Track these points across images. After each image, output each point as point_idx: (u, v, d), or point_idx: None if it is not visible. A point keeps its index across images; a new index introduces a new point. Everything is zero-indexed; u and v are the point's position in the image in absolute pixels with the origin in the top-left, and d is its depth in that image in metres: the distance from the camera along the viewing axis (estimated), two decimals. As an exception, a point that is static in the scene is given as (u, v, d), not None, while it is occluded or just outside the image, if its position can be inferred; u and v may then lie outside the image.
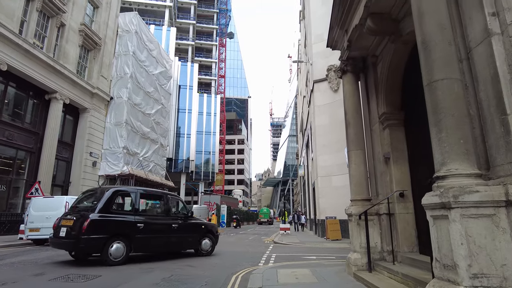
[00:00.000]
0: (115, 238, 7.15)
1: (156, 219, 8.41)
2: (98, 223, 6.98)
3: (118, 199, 7.94)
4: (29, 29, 17.46)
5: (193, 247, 9.24)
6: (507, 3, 2.99)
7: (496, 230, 2.72)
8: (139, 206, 8.15)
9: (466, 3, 3.42)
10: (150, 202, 9.60)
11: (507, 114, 2.87)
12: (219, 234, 10.21)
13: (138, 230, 7.58)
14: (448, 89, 3.12)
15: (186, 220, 8.99)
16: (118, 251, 7.12)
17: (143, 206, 8.81)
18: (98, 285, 5.24)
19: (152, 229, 8.01)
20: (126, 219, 7.59)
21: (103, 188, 8.04)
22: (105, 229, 7.09)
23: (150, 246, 8.18)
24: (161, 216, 8.59)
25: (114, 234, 7.16)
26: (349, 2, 5.78)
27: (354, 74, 6.62)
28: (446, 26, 3.30)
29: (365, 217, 5.50)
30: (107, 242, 6.99)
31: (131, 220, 7.61)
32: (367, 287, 4.85)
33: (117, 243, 7.14)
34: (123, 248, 7.21)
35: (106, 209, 7.28)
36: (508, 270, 2.64)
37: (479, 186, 2.81)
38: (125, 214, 7.79)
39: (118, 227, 7.34)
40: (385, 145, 5.95)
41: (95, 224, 6.91)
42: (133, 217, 7.73)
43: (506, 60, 2.94)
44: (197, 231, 9.24)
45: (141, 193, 8.31)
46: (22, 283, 5.26)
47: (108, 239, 7.00)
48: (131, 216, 7.73)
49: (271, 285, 5.23)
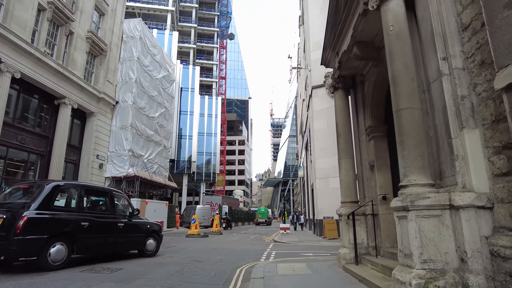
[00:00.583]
0: (56, 238, 6.37)
1: (102, 218, 7.72)
2: (36, 221, 6.13)
3: (59, 194, 6.96)
4: (40, 38, 18.31)
5: (138, 248, 8.84)
6: (453, 51, 3.84)
7: (442, 227, 3.57)
8: (84, 203, 7.46)
9: (426, 47, 4.27)
10: (95, 199, 8.55)
11: (451, 138, 3.72)
12: (163, 234, 9.96)
13: (82, 230, 6.93)
14: (410, 117, 3.98)
15: (131, 219, 8.59)
16: (59, 254, 6.39)
17: (88, 203, 7.88)
18: (124, 276, 6.09)
19: (98, 228, 7.42)
20: (69, 217, 6.80)
21: (41, 182, 7.26)
22: (44, 229, 6.26)
23: (95, 247, 7.53)
24: (107, 214, 7.94)
25: (55, 234, 6.37)
26: (339, 29, 6.64)
27: (344, 90, 7.48)
28: (410, 66, 4.15)
29: (352, 217, 6.35)
30: (46, 244, 6.21)
31: (75, 218, 6.88)
32: (353, 277, 5.69)
33: (58, 244, 6.39)
34: (64, 250, 6.51)
35: (45, 205, 6.41)
36: (449, 257, 3.49)
37: (430, 193, 3.66)
38: (68, 212, 6.92)
39: (60, 226, 6.56)
40: (370, 154, 6.81)
41: (33, 223, 6.06)
42: (77, 214, 7.01)
43: (452, 95, 3.79)
44: (143, 230, 8.87)
45: (85, 189, 7.66)
46: (49, 275, 6.10)
47: (47, 240, 6.22)
48: (75, 214, 6.97)
49: (272, 276, 6.08)
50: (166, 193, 33.20)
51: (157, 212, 24.05)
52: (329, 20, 7.12)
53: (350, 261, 6.46)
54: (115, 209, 8.21)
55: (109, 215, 8.00)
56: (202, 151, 50.85)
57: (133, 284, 5.38)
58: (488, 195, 3.41)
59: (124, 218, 8.33)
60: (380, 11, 4.61)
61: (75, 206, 7.18)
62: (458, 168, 3.63)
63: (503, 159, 3.24)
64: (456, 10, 3.95)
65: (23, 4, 16.68)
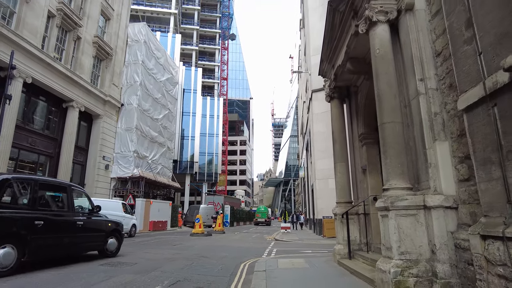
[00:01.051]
0: (3, 240, 5.58)
1: (58, 216, 6.98)
2: None
3: (7, 190, 6.10)
4: (50, 44, 19.03)
5: (98, 248, 8.29)
6: (428, 73, 4.49)
7: (417, 224, 4.21)
8: (38, 199, 6.54)
9: (407, 68, 4.91)
10: (51, 195, 7.50)
11: (426, 148, 4.37)
12: (124, 234, 9.29)
13: (36, 229, 6.14)
14: (392, 130, 4.62)
15: (91, 217, 7.95)
16: (7, 258, 5.56)
17: (42, 199, 6.91)
18: (140, 269, 6.75)
19: (54, 227, 6.69)
20: (20, 216, 5.98)
21: None
22: None
23: (50, 249, 6.67)
24: (65, 212, 7.19)
25: (1, 236, 5.58)
26: (335, 45, 7.28)
27: (340, 99, 8.13)
28: (393, 85, 4.80)
29: (346, 216, 7.00)
30: None
31: (27, 216, 6.09)
32: (346, 270, 6.35)
33: (6, 247, 5.59)
34: (13, 253, 5.69)
35: None
36: (423, 249, 4.14)
37: (408, 195, 4.31)
38: (19, 209, 6.08)
39: (9, 226, 5.74)
40: (363, 158, 7.46)
41: None
42: (29, 212, 6.18)
43: (427, 112, 4.44)
44: (103, 229, 8.35)
45: (39, 183, 6.75)
46: (72, 268, 6.76)
47: None
48: (26, 212, 6.14)
49: (273, 269, 6.72)
50: (170, 193, 33.93)
51: (161, 211, 24.75)
52: (325, 35, 7.76)
53: (344, 256, 7.10)
54: (73, 206, 7.41)
55: (67, 212, 7.22)
56: (204, 152, 51.60)
57: (150, 275, 6.04)
58: (454, 197, 4.05)
59: (83, 216, 7.66)
60: (368, 35, 5.26)
61: (27, 202, 6.28)
62: (431, 174, 4.27)
63: (465, 167, 3.88)
64: (431, 38, 4.60)
65: (34, 11, 17.39)
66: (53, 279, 5.59)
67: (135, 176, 25.00)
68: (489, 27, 3.22)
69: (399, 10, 5.03)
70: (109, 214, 14.79)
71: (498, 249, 2.96)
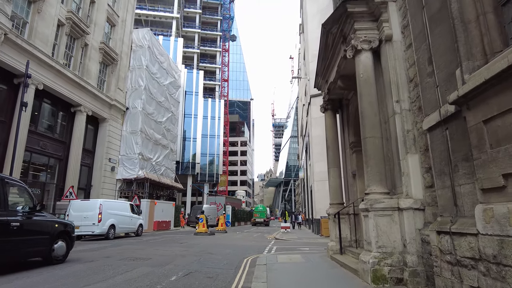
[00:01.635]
0: None
1: None
2: None
3: None
4: (59, 51, 19.91)
5: (42, 254, 6.94)
6: (403, 96, 5.35)
7: (392, 223, 5.06)
8: None
9: (386, 91, 5.76)
10: None
11: (400, 159, 5.22)
12: (75, 236, 8.22)
13: None
14: (373, 143, 5.47)
15: (32, 216, 6.59)
16: None
17: None
18: (155, 263, 7.61)
19: None
20: None
21: None
22: None
23: None
24: None
25: None
26: (328, 63, 8.13)
27: (333, 111, 8.98)
28: (374, 104, 5.65)
29: (338, 216, 7.84)
30: None
31: None
32: (337, 263, 7.20)
33: None
34: None
35: None
36: (396, 243, 4.99)
37: (385, 199, 5.16)
38: None
39: None
40: (353, 164, 8.31)
41: None
42: None
43: (401, 129, 5.29)
44: (48, 231, 7.00)
45: None
46: (99, 261, 7.62)
47: None
48: None
49: (273, 263, 7.58)
50: (173, 194, 34.83)
51: (165, 212, 25.63)
52: (320, 53, 8.60)
53: (337, 252, 7.94)
54: (7, 203, 6.02)
55: None
56: (206, 153, 52.48)
57: (165, 268, 6.90)
58: (422, 201, 4.90)
59: (21, 216, 6.30)
60: (354, 60, 6.11)
61: None
62: (404, 181, 5.13)
63: (429, 176, 4.72)
64: (405, 66, 5.45)
65: (45, 21, 18.26)
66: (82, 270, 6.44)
67: (140, 177, 25.87)
68: (443, 66, 4.08)
69: (380, 40, 5.88)
70: (117, 214, 15.89)
71: (447, 241, 3.81)
